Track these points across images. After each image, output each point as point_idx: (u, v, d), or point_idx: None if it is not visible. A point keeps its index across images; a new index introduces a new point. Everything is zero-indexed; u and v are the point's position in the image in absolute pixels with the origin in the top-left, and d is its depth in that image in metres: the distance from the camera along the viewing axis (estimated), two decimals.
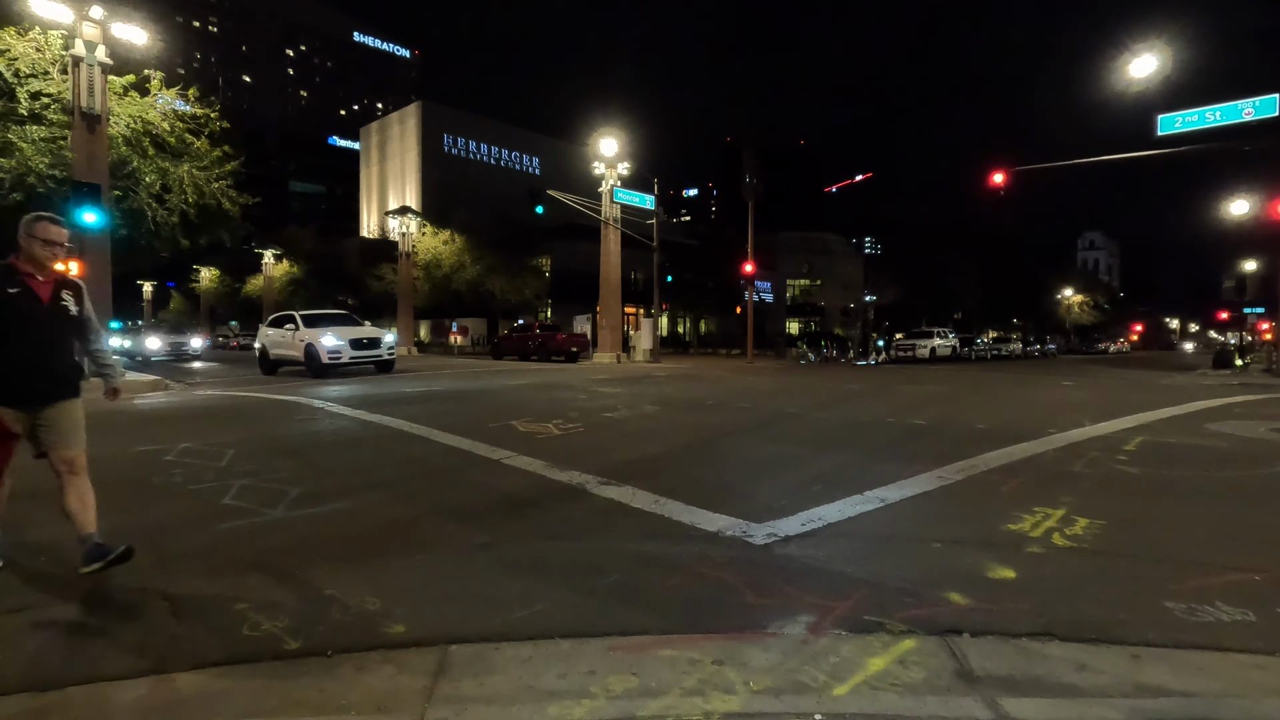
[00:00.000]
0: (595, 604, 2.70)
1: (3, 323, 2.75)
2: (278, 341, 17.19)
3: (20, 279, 2.82)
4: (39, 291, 2.86)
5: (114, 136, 15.70)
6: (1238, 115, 15.68)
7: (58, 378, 2.97)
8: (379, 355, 16.82)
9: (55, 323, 2.93)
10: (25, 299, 2.81)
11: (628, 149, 26.15)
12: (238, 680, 2.10)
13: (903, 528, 3.79)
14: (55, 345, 2.95)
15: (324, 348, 15.41)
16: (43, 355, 2.87)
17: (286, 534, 3.71)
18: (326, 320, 17.39)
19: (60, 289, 2.95)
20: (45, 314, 2.88)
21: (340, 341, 15.73)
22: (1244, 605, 2.63)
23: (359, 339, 16.32)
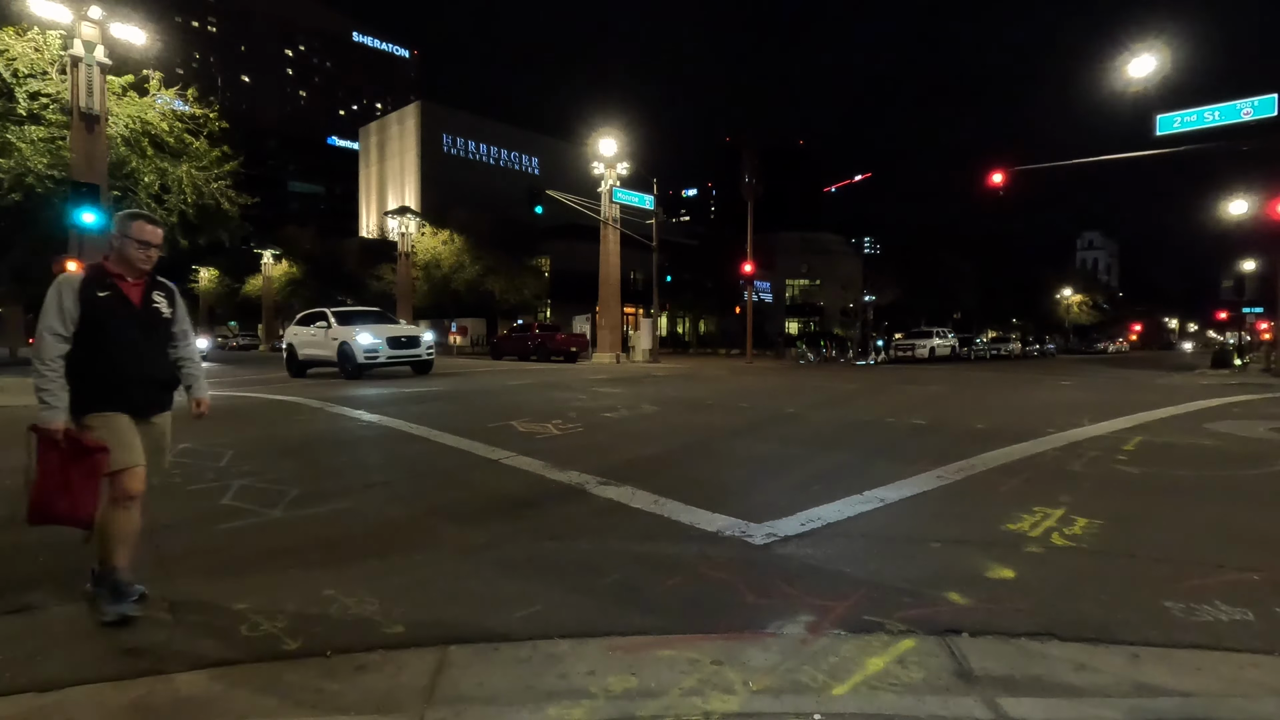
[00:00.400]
0: (595, 604, 2.70)
1: (94, 329, 2.55)
2: (308, 341, 16.05)
3: (110, 281, 2.62)
4: (130, 294, 2.66)
5: (113, 136, 15.70)
6: (1236, 115, 15.70)
7: (154, 386, 2.72)
8: (418, 355, 15.58)
9: (148, 327, 2.71)
10: (116, 303, 2.60)
11: (627, 149, 26.17)
12: (237, 680, 2.10)
13: (902, 528, 3.80)
14: (149, 351, 2.71)
15: (360, 347, 14.33)
16: (137, 362, 2.64)
17: (286, 534, 3.71)
18: (361, 317, 16.22)
19: (151, 290, 2.73)
20: (138, 318, 2.67)
21: (377, 340, 14.55)
22: (1243, 605, 2.63)
23: (397, 337, 15.15)
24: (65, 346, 2.51)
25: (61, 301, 2.51)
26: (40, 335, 2.50)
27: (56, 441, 2.46)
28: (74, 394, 2.53)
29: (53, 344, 2.49)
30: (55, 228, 15.62)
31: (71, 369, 2.54)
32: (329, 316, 15.86)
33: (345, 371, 14.83)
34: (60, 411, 2.47)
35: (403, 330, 15.96)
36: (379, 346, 14.57)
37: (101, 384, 2.56)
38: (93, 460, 2.47)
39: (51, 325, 2.50)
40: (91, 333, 2.55)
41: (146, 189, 16.98)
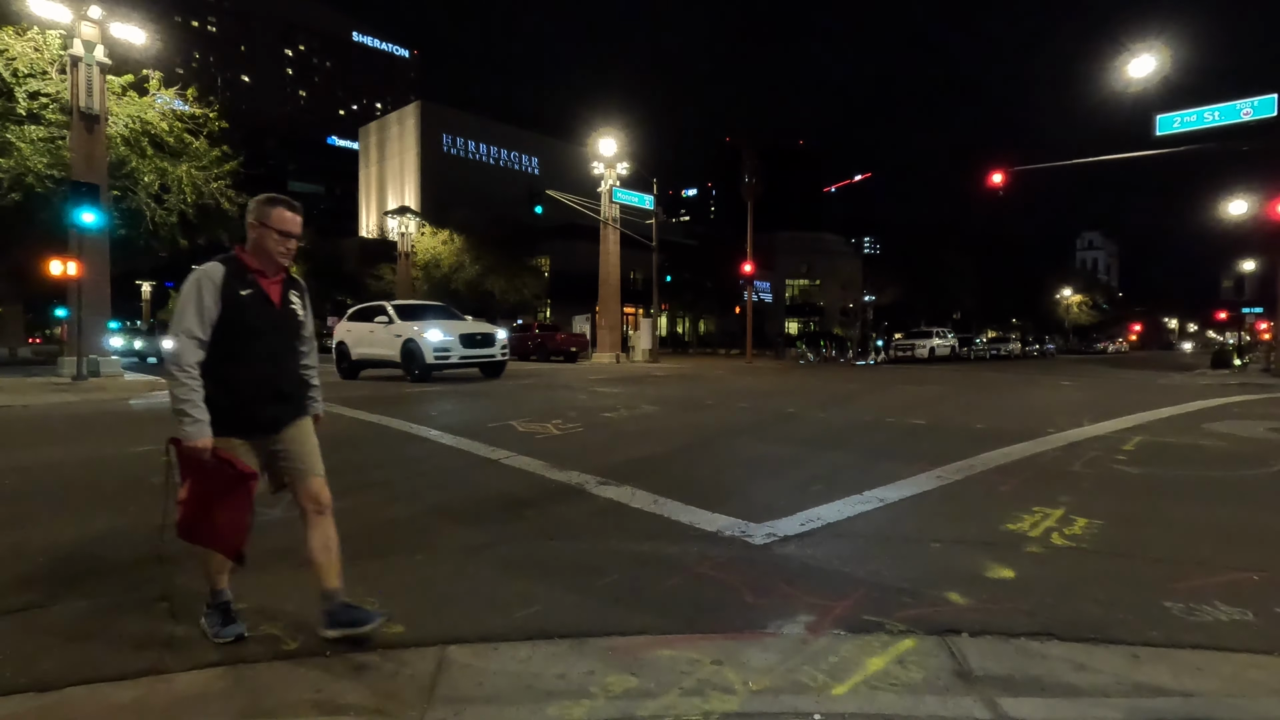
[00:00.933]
0: (594, 604, 2.70)
1: (234, 333, 2.21)
2: (364, 338, 14.35)
3: (252, 278, 2.27)
4: (269, 293, 2.32)
5: (112, 136, 15.70)
6: (1236, 115, 15.71)
7: (292, 396, 2.42)
8: (491, 355, 13.79)
9: (286, 331, 2.38)
10: (258, 303, 2.27)
11: (627, 149, 26.17)
12: (237, 680, 2.10)
13: (901, 528, 3.80)
14: (288, 359, 2.40)
15: (429, 345, 12.72)
16: (277, 371, 2.34)
17: (285, 534, 3.70)
18: (424, 311, 14.64)
19: (288, 289, 2.39)
20: (277, 321, 2.33)
21: (449, 337, 12.95)
22: (1243, 605, 2.63)
23: (471, 335, 13.42)
24: (203, 353, 2.18)
25: (201, 299, 2.17)
26: (178, 339, 2.16)
27: (202, 461, 2.14)
28: None
29: (191, 349, 2.16)
30: (55, 228, 15.65)
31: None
32: (389, 310, 14.14)
33: (410, 373, 13.34)
34: (205, 426, 2.13)
35: (476, 327, 14.11)
36: (451, 345, 12.91)
37: (232, 398, 2.22)
38: (245, 489, 2.19)
39: (189, 328, 2.16)
40: (229, 336, 2.20)
41: (146, 189, 16.97)
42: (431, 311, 14.75)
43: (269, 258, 2.31)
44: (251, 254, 2.31)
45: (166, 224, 17.62)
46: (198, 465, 2.16)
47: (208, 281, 2.19)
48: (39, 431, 7.66)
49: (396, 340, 13.44)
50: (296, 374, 2.44)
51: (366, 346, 14.37)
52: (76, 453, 6.20)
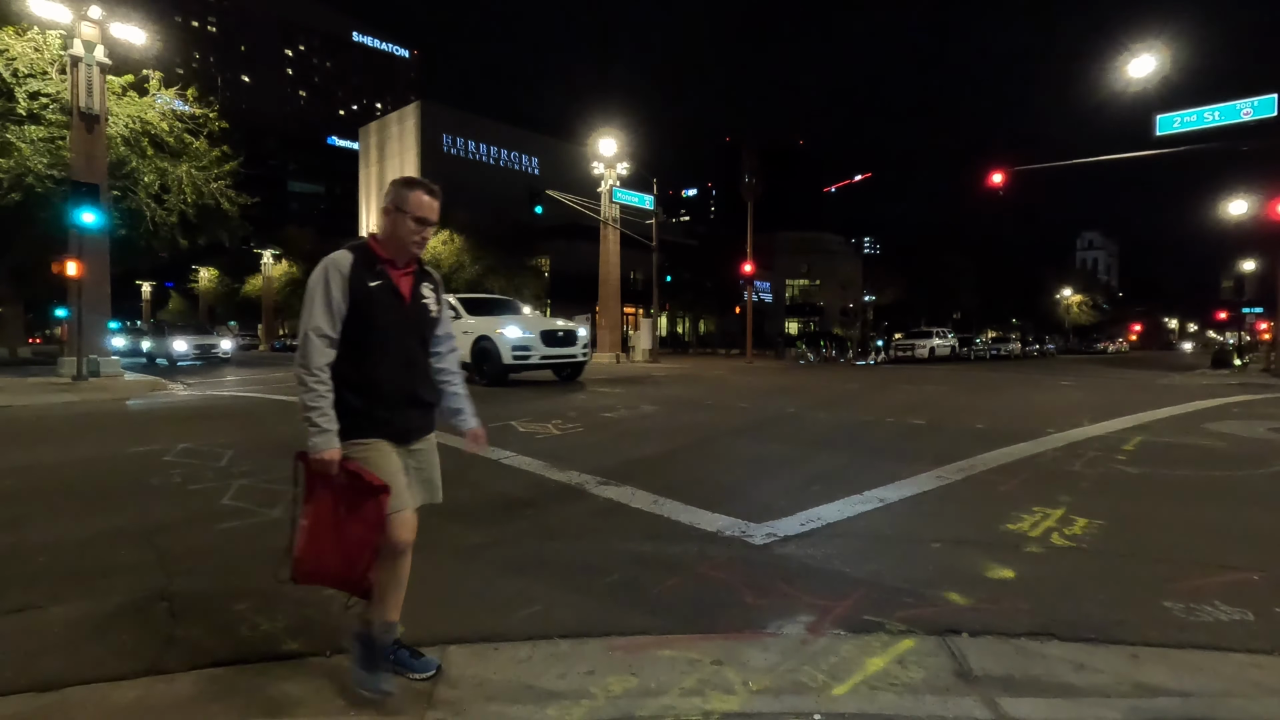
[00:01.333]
0: (594, 604, 2.70)
1: (364, 329, 1.97)
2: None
3: (382, 268, 2.03)
4: (400, 286, 2.07)
5: (112, 136, 15.70)
6: (1236, 115, 15.71)
7: (429, 406, 2.15)
8: (573, 355, 12.27)
9: (418, 329, 2.12)
10: (387, 296, 2.02)
11: (627, 149, 26.18)
12: (237, 680, 2.10)
13: (902, 528, 3.80)
14: (421, 361, 2.14)
15: (507, 343, 11.37)
16: (408, 374, 2.07)
17: (285, 534, 3.70)
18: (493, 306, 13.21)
19: (420, 282, 2.13)
20: (408, 317, 2.08)
21: (529, 334, 11.51)
22: (1242, 605, 2.63)
23: (553, 332, 11.92)
24: (333, 353, 1.94)
25: (329, 292, 1.94)
26: (305, 337, 1.92)
27: (331, 476, 1.90)
28: None
29: (320, 349, 1.92)
30: (55, 228, 15.64)
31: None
32: (455, 304, 12.30)
33: (486, 375, 11.90)
34: (334, 436, 1.89)
35: (557, 324, 12.46)
36: (531, 343, 11.43)
37: (363, 402, 1.98)
38: (375, 503, 1.88)
39: (318, 324, 1.92)
40: (356, 334, 1.97)
41: (146, 189, 16.98)
42: (499, 306, 13.22)
43: (401, 246, 2.05)
44: (383, 242, 2.06)
45: (166, 224, 17.62)
46: (324, 482, 1.90)
47: (335, 272, 1.94)
48: (39, 431, 7.66)
49: (465, 338, 11.88)
50: (428, 379, 2.16)
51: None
52: (76, 453, 6.20)
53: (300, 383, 1.91)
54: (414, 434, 2.10)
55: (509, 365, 11.56)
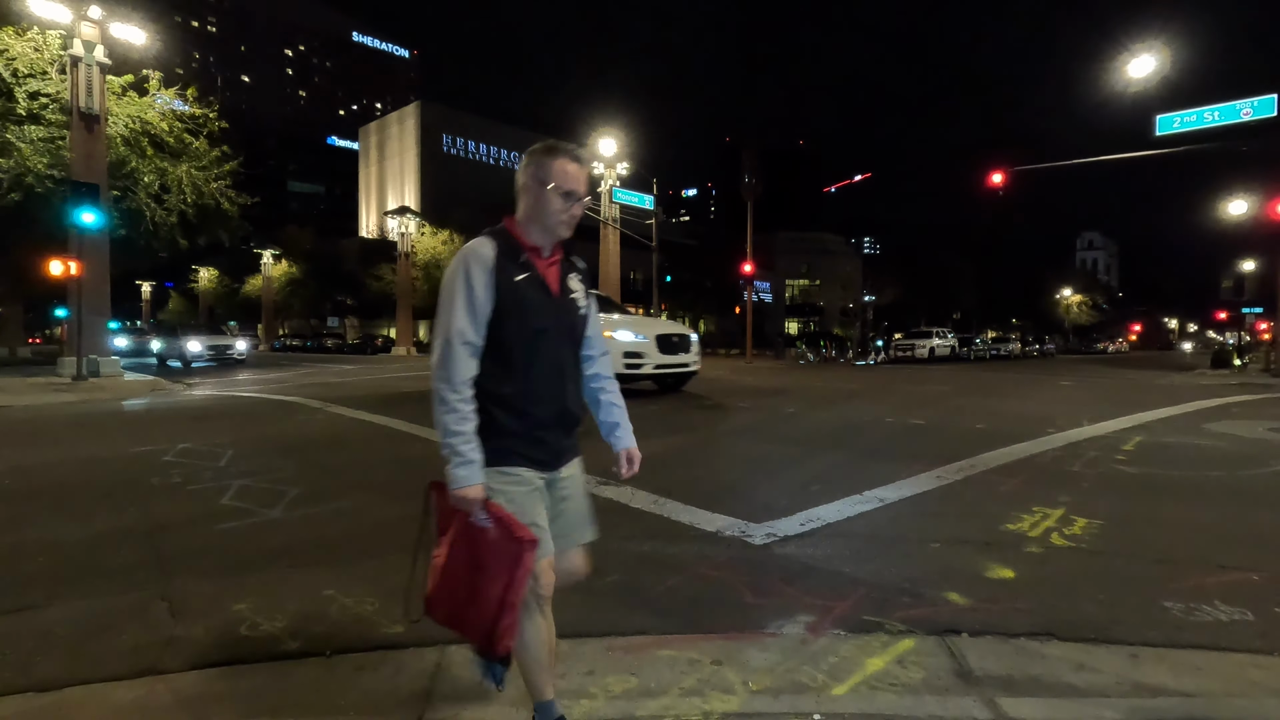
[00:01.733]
0: (594, 604, 2.70)
1: (508, 333, 1.62)
2: None
3: (527, 258, 1.67)
4: (547, 278, 1.71)
5: (112, 136, 15.71)
6: (1236, 115, 15.72)
7: (575, 420, 1.77)
8: (685, 364, 10.51)
9: (570, 329, 1.75)
10: (536, 292, 1.67)
11: (626, 149, 26.18)
12: (237, 681, 2.10)
13: (901, 528, 3.80)
14: (571, 367, 1.76)
15: (618, 348, 9.69)
16: (559, 385, 1.71)
17: (285, 534, 3.71)
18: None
19: (566, 273, 1.77)
20: (560, 315, 1.72)
21: (642, 338, 9.84)
22: (1242, 605, 2.63)
23: (667, 336, 10.20)
24: (476, 363, 1.61)
25: (471, 290, 1.59)
26: (446, 345, 1.58)
27: (468, 517, 1.60)
28: None
29: (464, 359, 1.58)
30: (55, 228, 15.65)
31: None
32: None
33: None
34: (479, 469, 1.57)
35: (671, 327, 10.77)
36: (645, 349, 9.79)
37: (506, 423, 1.63)
38: (518, 556, 1.56)
39: (461, 329, 1.58)
40: (499, 339, 1.62)
41: (146, 189, 16.99)
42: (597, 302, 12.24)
43: (547, 229, 1.70)
44: (524, 225, 1.70)
45: (166, 224, 17.63)
46: (462, 522, 1.62)
47: (477, 265, 1.60)
48: (39, 431, 7.66)
49: None
50: (578, 391, 1.79)
51: None
52: (76, 453, 6.20)
53: (440, 401, 1.57)
54: (563, 457, 1.74)
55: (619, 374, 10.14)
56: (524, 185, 1.70)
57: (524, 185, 1.70)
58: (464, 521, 1.61)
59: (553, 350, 1.69)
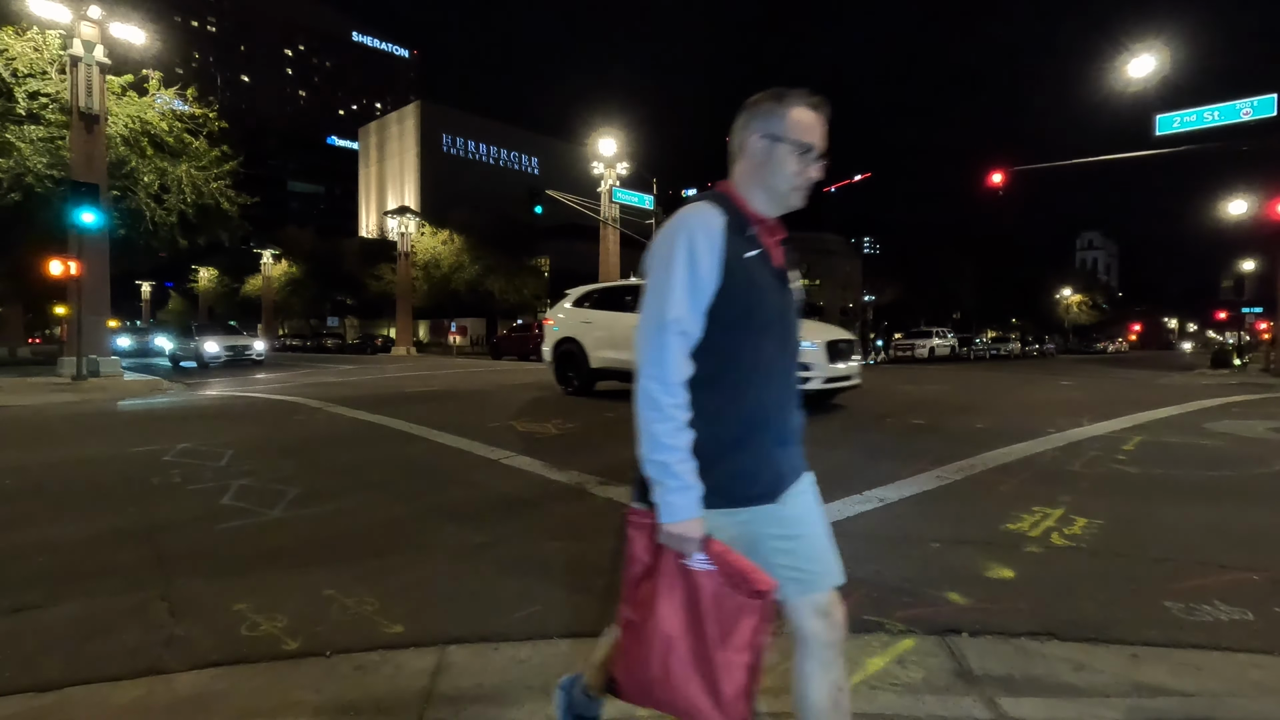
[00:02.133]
0: (594, 604, 2.70)
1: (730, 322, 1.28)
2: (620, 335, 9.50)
3: (754, 232, 1.34)
4: (775, 257, 1.39)
5: (112, 136, 15.71)
6: (1236, 115, 15.72)
7: (799, 435, 1.43)
8: (848, 377, 8.75)
9: (791, 324, 1.41)
10: (766, 276, 1.34)
11: (626, 149, 26.18)
12: (236, 680, 2.10)
13: (901, 527, 3.80)
14: (791, 371, 1.41)
15: None
16: (784, 392, 1.37)
17: (285, 534, 3.71)
18: None
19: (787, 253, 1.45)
20: (785, 305, 1.38)
21: (811, 345, 8.02)
22: (1243, 605, 2.63)
23: (835, 343, 8.44)
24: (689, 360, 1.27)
25: (695, 266, 1.24)
26: (659, 333, 1.24)
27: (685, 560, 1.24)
28: None
29: (680, 353, 1.25)
30: (55, 228, 15.64)
31: None
32: None
33: None
34: (697, 496, 1.23)
35: (834, 330, 9.09)
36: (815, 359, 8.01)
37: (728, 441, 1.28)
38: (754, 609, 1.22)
39: (678, 315, 1.24)
40: (722, 332, 1.27)
41: (146, 189, 16.99)
42: None
43: (776, 196, 1.36)
44: (749, 192, 1.36)
45: (166, 224, 17.63)
46: (674, 566, 1.24)
47: (705, 236, 1.25)
48: (39, 431, 7.66)
49: None
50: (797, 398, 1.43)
51: (624, 349, 9.09)
52: (76, 452, 6.20)
53: (651, 405, 1.22)
54: (787, 479, 1.37)
55: None
56: (746, 144, 1.36)
57: (746, 144, 1.36)
58: (677, 566, 1.24)
59: (776, 350, 1.34)
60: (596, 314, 10.34)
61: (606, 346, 9.91)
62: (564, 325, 10.74)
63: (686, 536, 1.21)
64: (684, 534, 1.21)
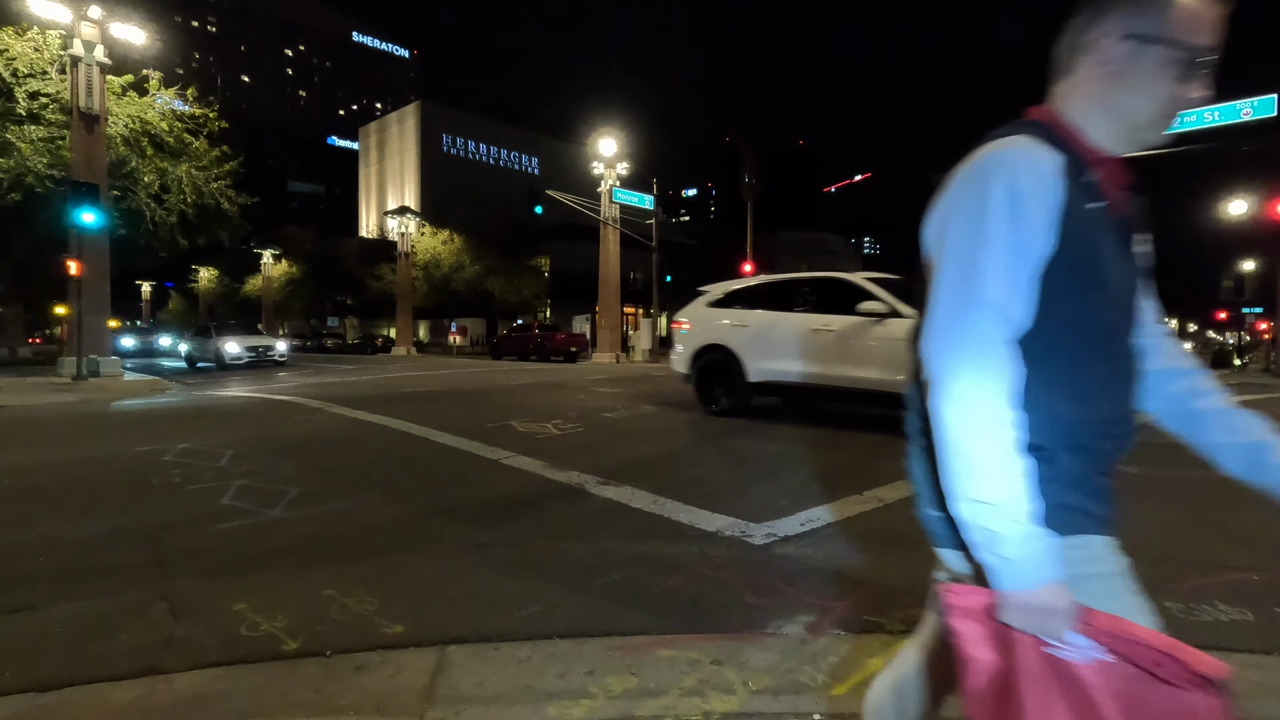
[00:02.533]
0: (594, 604, 2.70)
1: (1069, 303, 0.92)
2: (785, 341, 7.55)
3: (1094, 180, 0.95)
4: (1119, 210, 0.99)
5: (112, 136, 15.71)
6: (1236, 115, 15.72)
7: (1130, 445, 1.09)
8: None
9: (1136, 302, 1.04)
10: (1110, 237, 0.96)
11: (627, 149, 26.18)
12: (236, 680, 2.10)
13: (901, 527, 3.79)
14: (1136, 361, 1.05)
15: None
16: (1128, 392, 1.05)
17: (285, 534, 3.71)
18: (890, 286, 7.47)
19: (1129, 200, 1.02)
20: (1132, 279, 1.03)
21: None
22: (1242, 605, 2.63)
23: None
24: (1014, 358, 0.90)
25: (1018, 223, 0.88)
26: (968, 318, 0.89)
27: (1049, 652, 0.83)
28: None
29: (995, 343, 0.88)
30: (55, 228, 15.67)
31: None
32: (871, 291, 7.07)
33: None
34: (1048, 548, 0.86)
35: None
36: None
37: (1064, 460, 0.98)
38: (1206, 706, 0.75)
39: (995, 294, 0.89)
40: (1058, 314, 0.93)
41: (146, 189, 17.00)
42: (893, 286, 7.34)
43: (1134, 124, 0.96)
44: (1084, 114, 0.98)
45: (166, 224, 17.64)
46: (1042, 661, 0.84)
47: (1032, 182, 0.89)
48: (39, 431, 7.66)
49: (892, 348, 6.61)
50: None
51: (798, 359, 7.35)
52: (76, 452, 6.20)
53: (966, 419, 0.87)
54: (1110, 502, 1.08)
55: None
56: (1096, 50, 0.95)
57: (1096, 50, 0.95)
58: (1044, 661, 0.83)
59: (1123, 337, 1.00)
60: (754, 315, 8.20)
61: (770, 356, 7.75)
62: (705, 329, 8.53)
63: (1048, 609, 0.82)
64: (1043, 605, 0.82)
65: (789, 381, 7.65)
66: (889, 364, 6.59)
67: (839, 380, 7.08)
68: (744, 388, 8.06)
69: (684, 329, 9.00)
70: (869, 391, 6.83)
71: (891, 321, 6.69)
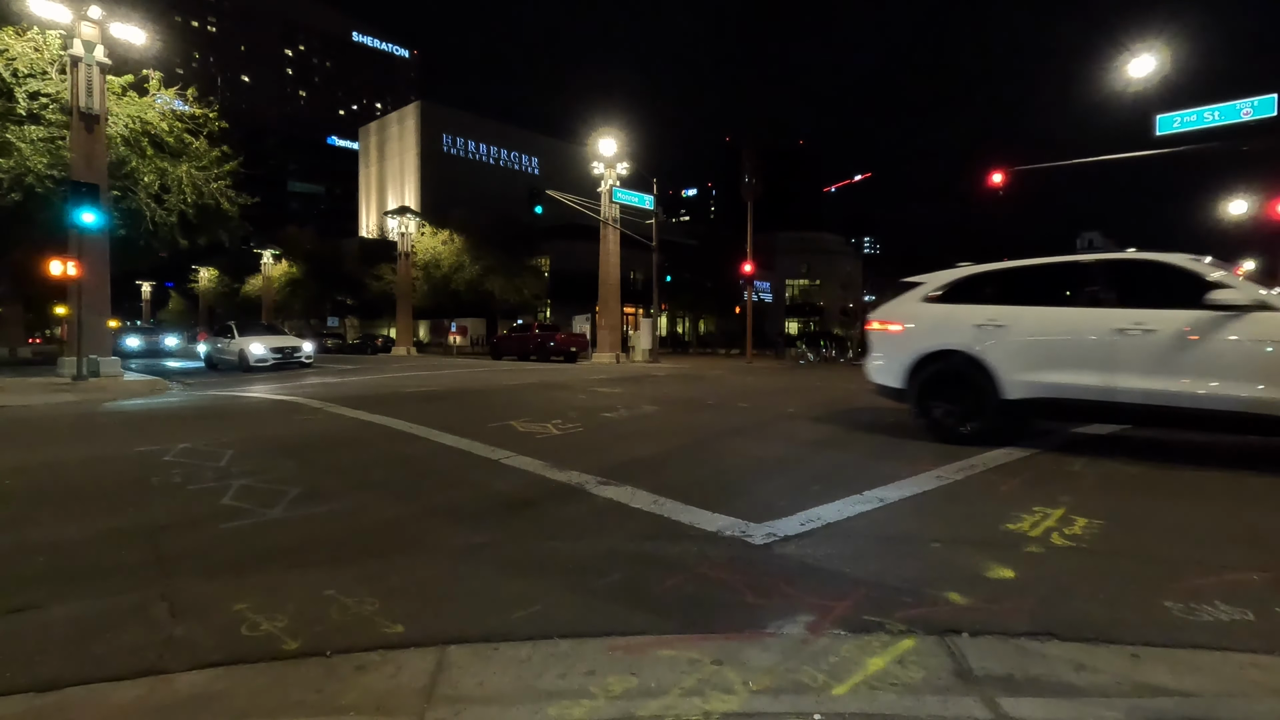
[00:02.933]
0: (594, 604, 2.70)
1: None
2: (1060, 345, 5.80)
3: None
4: None
5: (112, 136, 15.72)
6: (1236, 115, 15.73)
7: None
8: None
9: None
10: None
11: (627, 149, 26.18)
12: (236, 680, 2.10)
13: (901, 527, 3.80)
14: None
15: None
16: None
17: (285, 534, 3.71)
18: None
19: None
20: None
21: None
22: (1243, 605, 2.63)
23: None
24: None
25: None
26: None
27: None
28: None
29: None
30: (55, 228, 15.66)
31: None
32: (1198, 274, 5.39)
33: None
34: None
35: None
36: None
37: None
38: None
39: None
40: None
41: (146, 189, 17.00)
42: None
43: None
44: None
45: (166, 224, 17.65)
46: None
47: None
48: (39, 431, 7.66)
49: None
50: None
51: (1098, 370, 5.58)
52: (76, 452, 6.20)
53: None
54: None
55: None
56: None
57: None
58: None
59: None
60: (1013, 312, 6.18)
61: (1045, 365, 5.87)
62: (931, 330, 6.69)
63: None
64: None
65: (1085, 399, 5.70)
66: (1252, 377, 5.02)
67: (1177, 399, 5.25)
68: (995, 406, 6.12)
69: (894, 331, 7.05)
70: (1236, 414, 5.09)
71: (1260, 317, 5.02)
